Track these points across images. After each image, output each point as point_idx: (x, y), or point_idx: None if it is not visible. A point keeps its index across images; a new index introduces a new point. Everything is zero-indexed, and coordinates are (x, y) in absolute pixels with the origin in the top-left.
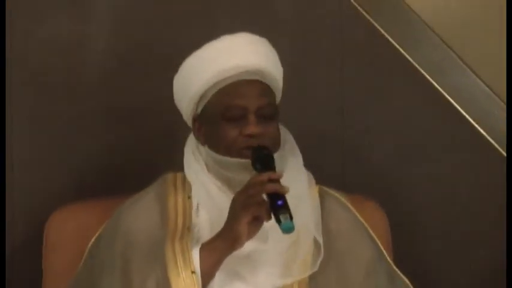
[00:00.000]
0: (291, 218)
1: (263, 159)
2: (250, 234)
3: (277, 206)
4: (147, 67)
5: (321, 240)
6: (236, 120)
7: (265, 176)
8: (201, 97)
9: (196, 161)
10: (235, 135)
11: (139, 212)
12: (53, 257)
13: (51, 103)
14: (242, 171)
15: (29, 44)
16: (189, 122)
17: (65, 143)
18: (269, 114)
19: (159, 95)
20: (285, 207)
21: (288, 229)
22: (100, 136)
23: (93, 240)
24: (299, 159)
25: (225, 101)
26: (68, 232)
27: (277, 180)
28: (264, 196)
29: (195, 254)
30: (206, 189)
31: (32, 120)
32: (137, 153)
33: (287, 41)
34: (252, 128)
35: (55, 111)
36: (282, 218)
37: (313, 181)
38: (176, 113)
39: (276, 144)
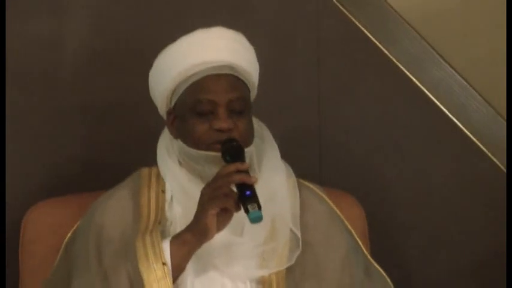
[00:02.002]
0: (259, 207)
1: (232, 151)
2: (220, 226)
3: (245, 196)
4: (124, 63)
5: (298, 233)
6: (206, 114)
7: (232, 167)
8: (174, 91)
9: (169, 155)
10: (205, 129)
11: (113, 208)
12: (29, 253)
13: (29, 99)
14: (212, 165)
15: (6, 42)
16: (164, 116)
17: (41, 139)
18: (240, 108)
19: (136, 91)
20: (253, 197)
21: (255, 219)
22: (77, 132)
23: (68, 235)
24: (276, 152)
25: (194, 96)
26: (44, 228)
27: (245, 171)
28: (234, 187)
29: (166, 246)
30: (179, 183)
31: (9, 116)
32: (114, 149)
33: (264, 36)
34: (222, 123)
35: (32, 107)
36: (249, 207)
37: (292, 173)
38: (152, 108)
39: (248, 138)
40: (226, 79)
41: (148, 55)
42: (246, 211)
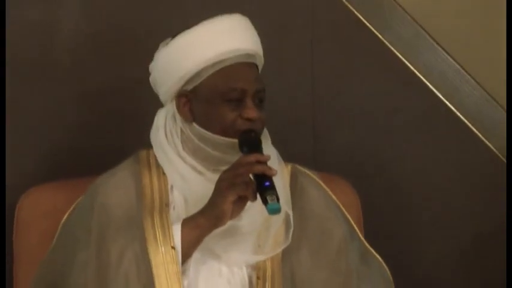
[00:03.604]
0: (278, 199)
1: (250, 142)
2: (234, 214)
3: (265, 187)
4: (118, 48)
5: (290, 212)
6: (235, 102)
7: (253, 157)
8: (195, 74)
9: (168, 142)
10: (234, 117)
11: (115, 187)
12: (24, 237)
13: (22, 84)
14: (233, 152)
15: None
16: (166, 97)
17: (36, 126)
18: (262, 98)
19: (129, 76)
20: (272, 189)
21: (274, 210)
22: (71, 117)
23: (65, 216)
24: (268, 137)
25: (226, 82)
26: (38, 212)
27: (264, 162)
28: (251, 177)
29: (176, 230)
30: (179, 172)
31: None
32: (108, 133)
33: (258, 22)
34: (252, 112)
35: (26, 92)
36: (268, 199)
37: (281, 158)
38: (147, 93)
39: (263, 128)
40: (253, 68)
41: (142, 39)
42: (265, 202)
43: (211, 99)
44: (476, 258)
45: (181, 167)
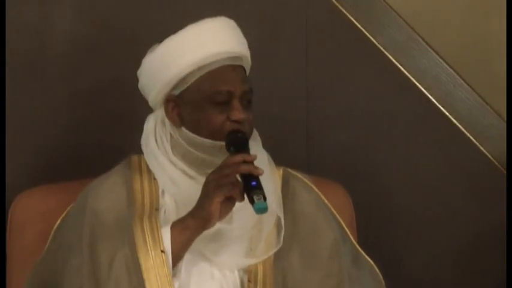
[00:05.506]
0: (265, 198)
1: (237, 142)
2: (222, 214)
3: (251, 186)
4: (112, 49)
5: (281, 214)
6: (222, 104)
7: (239, 157)
8: (181, 79)
9: (158, 147)
10: (222, 120)
11: (106, 192)
12: (17, 240)
13: (16, 85)
14: (222, 155)
15: None
16: (154, 103)
17: (29, 126)
18: (250, 99)
19: (123, 77)
20: (259, 188)
21: (261, 209)
22: (64, 118)
23: (58, 222)
24: (259, 140)
25: (213, 86)
26: (32, 214)
27: (251, 162)
28: (238, 177)
29: (165, 233)
30: (170, 177)
31: None
32: (102, 135)
33: (252, 24)
34: (239, 114)
35: (19, 93)
36: (255, 198)
37: (272, 162)
38: (142, 94)
39: (252, 129)
40: (239, 70)
41: (135, 40)
42: (252, 201)
43: (199, 103)
44: (470, 262)
45: (171, 171)
